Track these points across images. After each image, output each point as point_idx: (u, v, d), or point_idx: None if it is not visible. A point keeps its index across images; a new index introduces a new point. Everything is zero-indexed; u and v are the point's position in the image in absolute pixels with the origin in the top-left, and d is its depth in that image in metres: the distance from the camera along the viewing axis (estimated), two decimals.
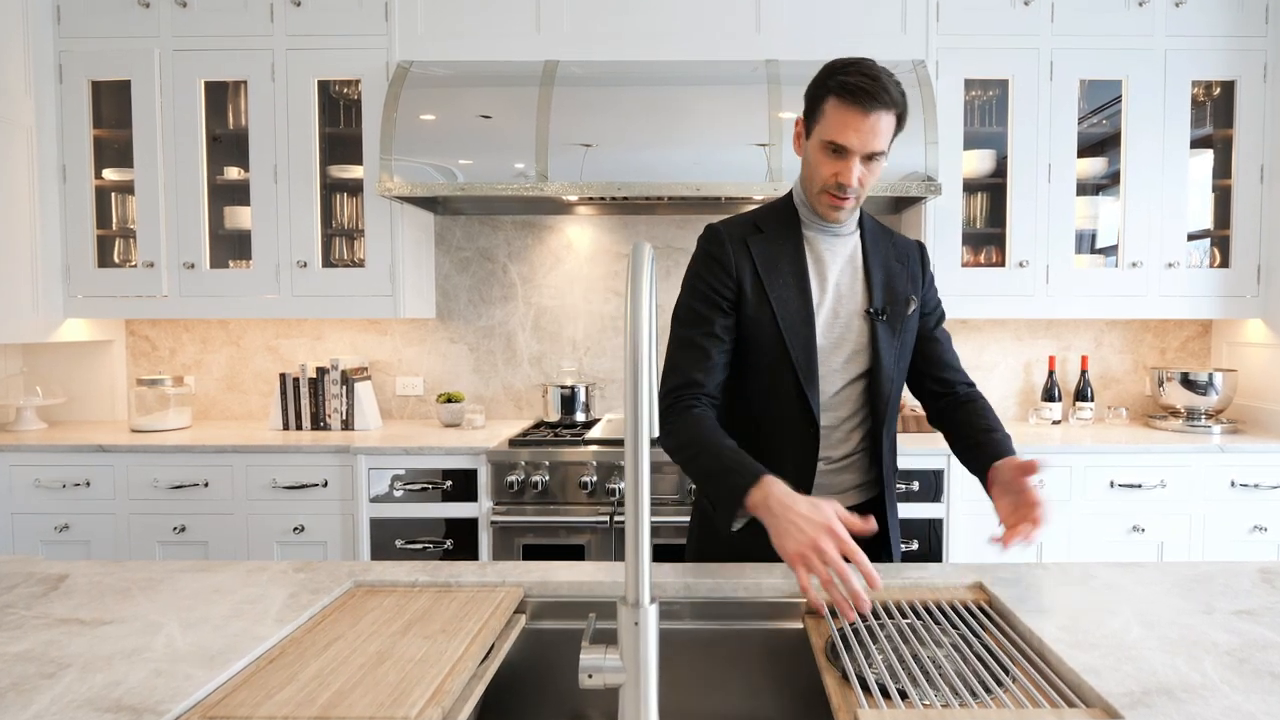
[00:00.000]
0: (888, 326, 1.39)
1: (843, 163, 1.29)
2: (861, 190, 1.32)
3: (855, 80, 1.23)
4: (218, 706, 0.84)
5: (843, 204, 1.33)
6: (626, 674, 0.74)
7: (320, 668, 0.94)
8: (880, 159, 1.30)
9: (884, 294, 1.40)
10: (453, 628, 1.05)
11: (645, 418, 0.75)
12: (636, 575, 0.74)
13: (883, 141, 1.27)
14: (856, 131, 1.25)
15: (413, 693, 0.87)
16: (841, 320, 1.39)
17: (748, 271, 1.37)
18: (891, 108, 1.26)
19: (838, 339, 1.39)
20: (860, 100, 1.23)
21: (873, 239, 1.44)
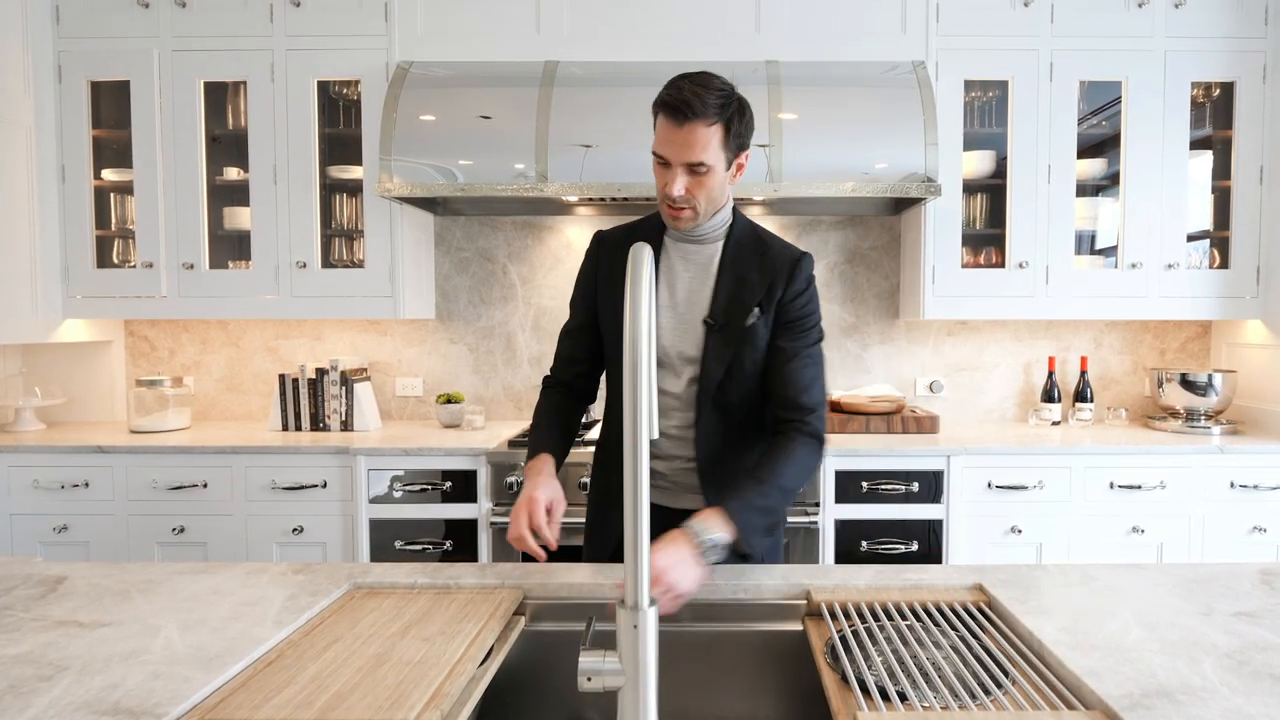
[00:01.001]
0: (721, 336, 1.39)
1: (667, 173, 1.31)
2: (696, 201, 1.33)
3: (672, 94, 1.27)
4: (216, 709, 0.84)
5: (678, 214, 1.35)
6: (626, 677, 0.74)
7: (319, 670, 0.94)
8: (706, 170, 1.30)
9: (726, 304, 1.39)
10: (451, 629, 1.05)
11: (645, 418, 0.75)
12: (635, 578, 0.73)
13: (700, 153, 1.27)
14: (671, 143, 1.28)
15: (411, 695, 0.87)
16: (688, 326, 1.42)
17: (604, 278, 1.46)
18: (705, 119, 1.26)
19: (677, 347, 1.42)
20: (673, 114, 1.27)
21: (737, 249, 1.42)
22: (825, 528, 2.43)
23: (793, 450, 1.32)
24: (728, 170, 1.34)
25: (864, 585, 1.25)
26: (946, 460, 2.44)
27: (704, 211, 1.36)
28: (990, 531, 2.48)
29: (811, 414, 1.36)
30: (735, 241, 1.43)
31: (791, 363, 1.39)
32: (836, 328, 3.06)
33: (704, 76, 1.29)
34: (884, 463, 2.44)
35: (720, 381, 1.40)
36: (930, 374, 3.06)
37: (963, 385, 3.06)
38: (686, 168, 1.30)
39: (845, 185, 2.45)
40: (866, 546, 2.44)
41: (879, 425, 2.70)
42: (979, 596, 1.21)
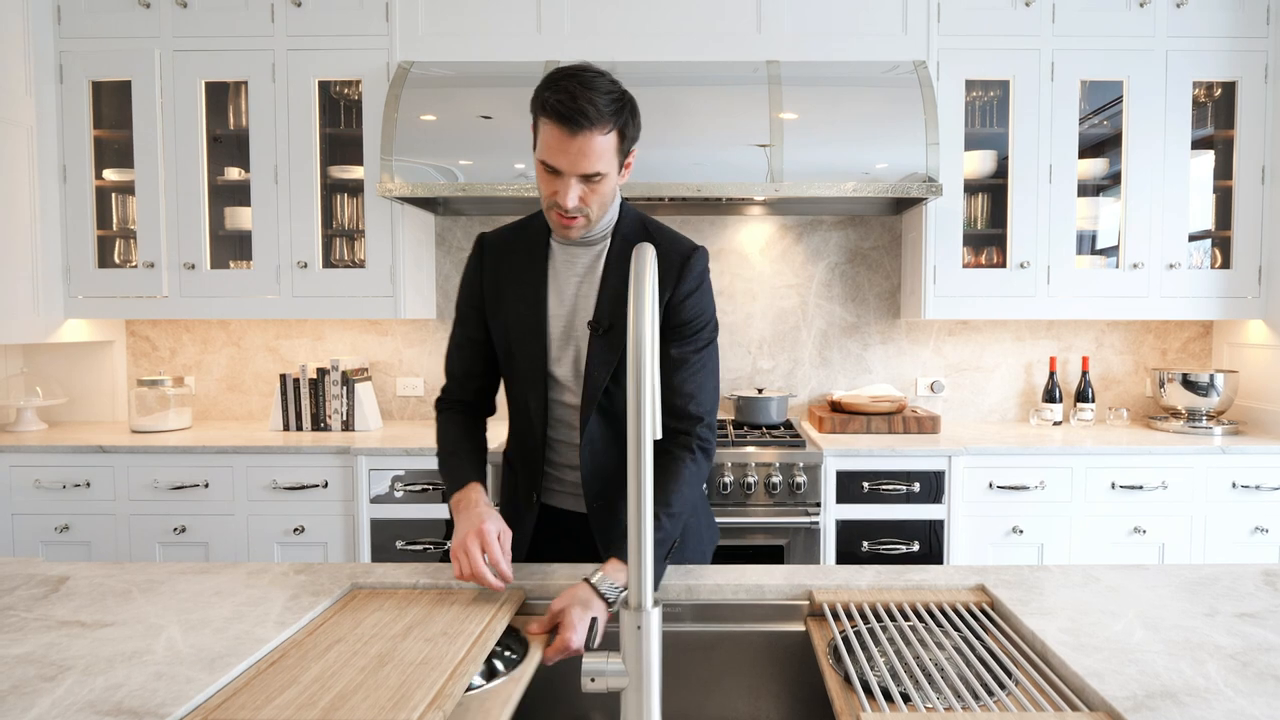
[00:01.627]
0: (604, 340, 1.32)
1: (558, 182, 1.23)
2: (589, 209, 1.27)
3: (560, 101, 1.17)
4: (219, 710, 0.84)
5: (570, 224, 1.28)
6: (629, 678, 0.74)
7: (321, 670, 0.94)
8: (601, 179, 1.24)
9: (611, 306, 1.33)
10: (454, 630, 1.05)
11: (648, 420, 0.75)
12: (639, 579, 0.73)
13: (595, 163, 1.20)
14: (564, 154, 1.20)
15: (414, 696, 0.87)
16: (576, 332, 1.36)
17: (492, 284, 1.39)
18: (601, 127, 1.18)
19: (563, 353, 1.37)
20: (565, 123, 1.17)
21: (624, 247, 1.35)
22: (826, 528, 2.43)
23: (679, 473, 1.28)
24: (618, 173, 1.28)
25: (866, 586, 1.25)
26: (948, 460, 2.44)
27: (595, 218, 1.30)
28: (991, 532, 2.48)
29: (699, 424, 1.32)
30: (621, 238, 1.36)
31: (681, 370, 1.33)
32: (837, 328, 3.06)
33: (590, 77, 1.19)
34: (885, 463, 2.44)
35: (605, 387, 1.33)
36: (931, 374, 3.06)
37: (964, 385, 3.06)
38: (580, 178, 1.22)
39: (846, 185, 2.44)
40: (867, 547, 2.44)
41: (880, 425, 2.70)
42: (981, 597, 1.21)
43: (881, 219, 3.03)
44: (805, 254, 3.04)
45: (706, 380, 1.35)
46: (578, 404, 1.37)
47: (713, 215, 3.03)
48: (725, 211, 2.96)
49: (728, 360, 3.06)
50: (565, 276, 1.38)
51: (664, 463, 1.29)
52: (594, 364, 1.33)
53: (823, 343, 3.06)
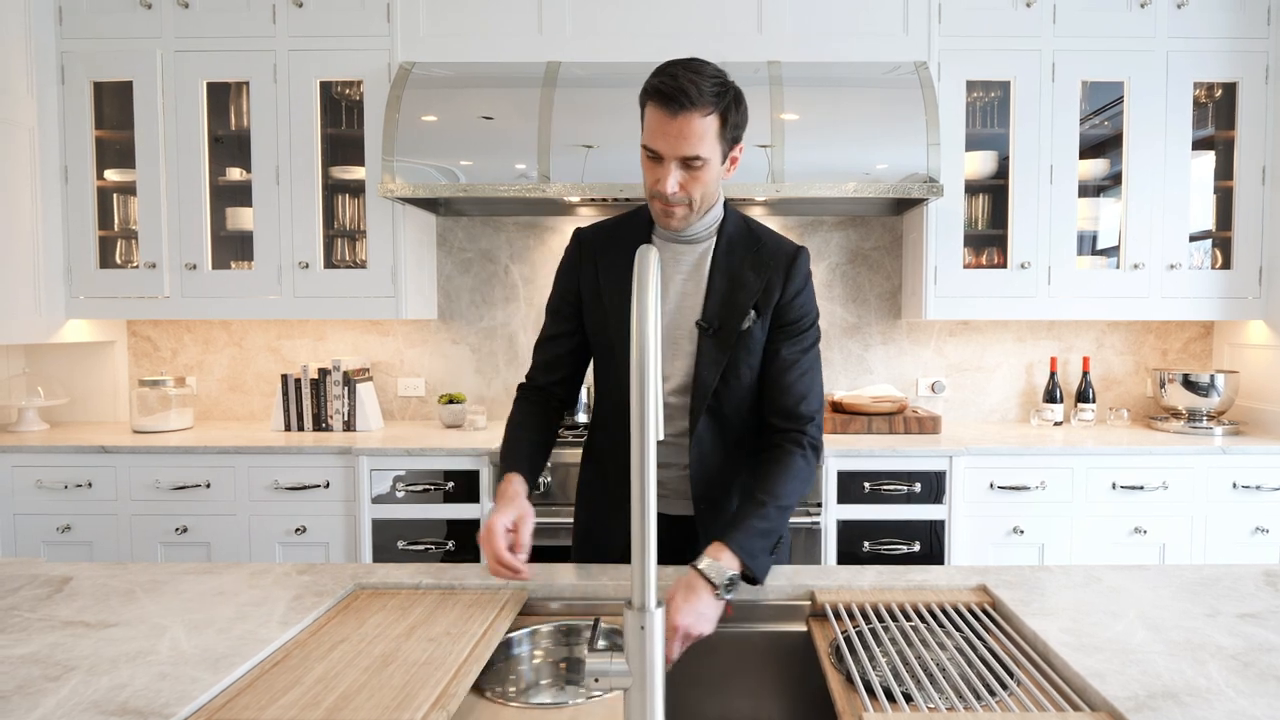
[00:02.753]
0: (715, 341, 1.32)
1: (660, 168, 1.23)
2: (689, 197, 1.25)
3: (663, 82, 1.18)
4: (224, 710, 0.84)
5: (671, 211, 1.27)
6: (633, 678, 0.74)
7: (325, 670, 0.94)
8: (702, 164, 1.22)
9: (720, 307, 1.32)
10: (457, 630, 1.05)
11: (652, 419, 0.75)
12: (643, 579, 0.74)
13: (695, 145, 1.20)
14: (665, 135, 1.20)
15: (418, 696, 0.87)
16: (681, 330, 1.35)
17: (590, 280, 1.38)
18: (702, 108, 1.18)
19: (672, 350, 1.35)
20: (666, 103, 1.18)
21: (729, 246, 1.35)
22: (827, 528, 2.43)
23: (790, 465, 1.27)
24: (723, 164, 1.26)
25: (868, 586, 1.25)
26: (949, 461, 2.44)
27: (698, 209, 1.28)
28: (992, 532, 2.48)
29: (810, 423, 1.32)
30: (727, 239, 1.35)
31: (791, 370, 1.34)
32: (838, 328, 3.06)
33: (697, 63, 1.21)
34: (886, 463, 2.44)
35: (715, 388, 1.33)
36: (932, 374, 3.06)
37: (965, 385, 3.07)
38: (681, 162, 1.21)
39: (847, 185, 2.45)
40: (869, 547, 2.44)
41: (881, 426, 2.70)
42: (983, 597, 1.22)
43: (882, 219, 3.03)
44: None
45: (815, 380, 1.36)
46: (682, 404, 1.36)
47: None
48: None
49: None
50: (669, 274, 1.36)
51: (776, 456, 1.29)
52: (703, 364, 1.33)
53: (824, 343, 3.06)
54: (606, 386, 1.43)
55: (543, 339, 1.46)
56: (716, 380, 1.33)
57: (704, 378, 1.33)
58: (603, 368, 1.42)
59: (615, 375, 1.38)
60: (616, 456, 1.41)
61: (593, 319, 1.39)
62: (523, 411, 1.43)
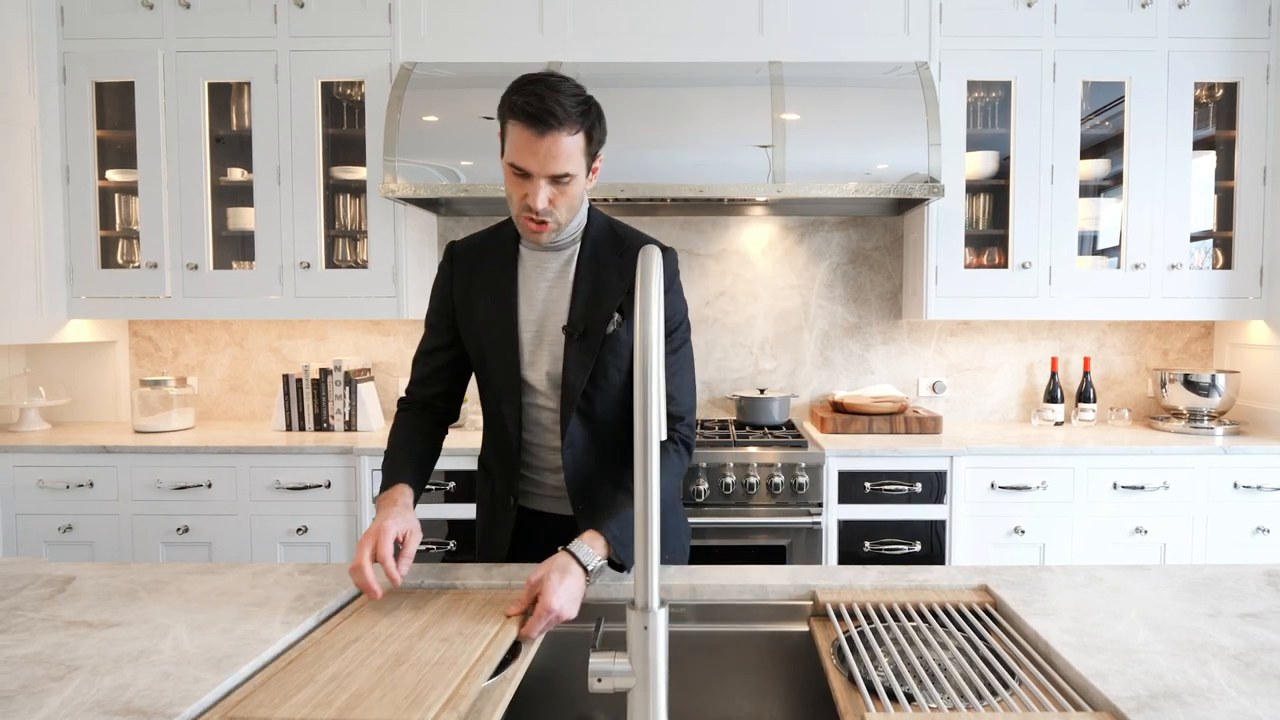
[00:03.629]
0: (581, 344, 1.34)
1: (528, 185, 1.25)
2: (558, 212, 1.28)
3: (529, 102, 1.19)
4: (238, 708, 0.85)
5: (541, 229, 1.29)
6: (636, 678, 0.75)
7: (338, 669, 0.94)
8: (570, 180, 1.25)
9: (585, 311, 1.34)
10: (469, 630, 1.06)
11: (654, 420, 0.75)
12: (646, 579, 0.74)
13: (564, 164, 1.22)
14: (533, 154, 1.21)
15: (429, 696, 0.87)
16: (548, 337, 1.37)
17: (463, 291, 1.41)
18: (569, 127, 1.21)
19: (536, 357, 1.38)
20: (533, 123, 1.19)
21: (594, 251, 1.37)
22: (828, 528, 2.44)
23: (665, 463, 1.33)
24: (586, 177, 1.30)
25: (869, 586, 1.25)
26: (949, 461, 2.44)
27: (564, 222, 1.31)
28: (993, 532, 2.49)
29: (681, 422, 1.38)
30: (591, 243, 1.38)
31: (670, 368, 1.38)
32: (839, 328, 3.06)
33: (557, 79, 1.22)
34: (887, 463, 2.44)
35: (584, 391, 1.35)
36: (933, 374, 3.06)
37: (965, 386, 3.07)
38: (550, 179, 1.24)
39: (848, 185, 2.45)
40: (869, 547, 2.44)
41: (882, 426, 2.70)
42: (984, 598, 1.22)
43: (883, 219, 3.03)
44: (807, 254, 3.04)
45: (684, 380, 1.39)
46: (554, 407, 1.39)
47: (715, 216, 3.03)
48: (727, 212, 2.96)
49: (730, 361, 3.06)
50: (535, 282, 1.39)
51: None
52: (570, 368, 1.35)
53: (824, 343, 3.07)
54: (485, 394, 1.45)
55: (421, 352, 1.47)
56: (585, 383, 1.35)
57: (571, 381, 1.35)
58: (481, 376, 1.44)
59: (488, 381, 1.41)
60: (497, 460, 1.45)
61: (468, 329, 1.41)
62: (406, 426, 1.43)
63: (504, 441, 1.42)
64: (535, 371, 1.38)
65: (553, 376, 1.37)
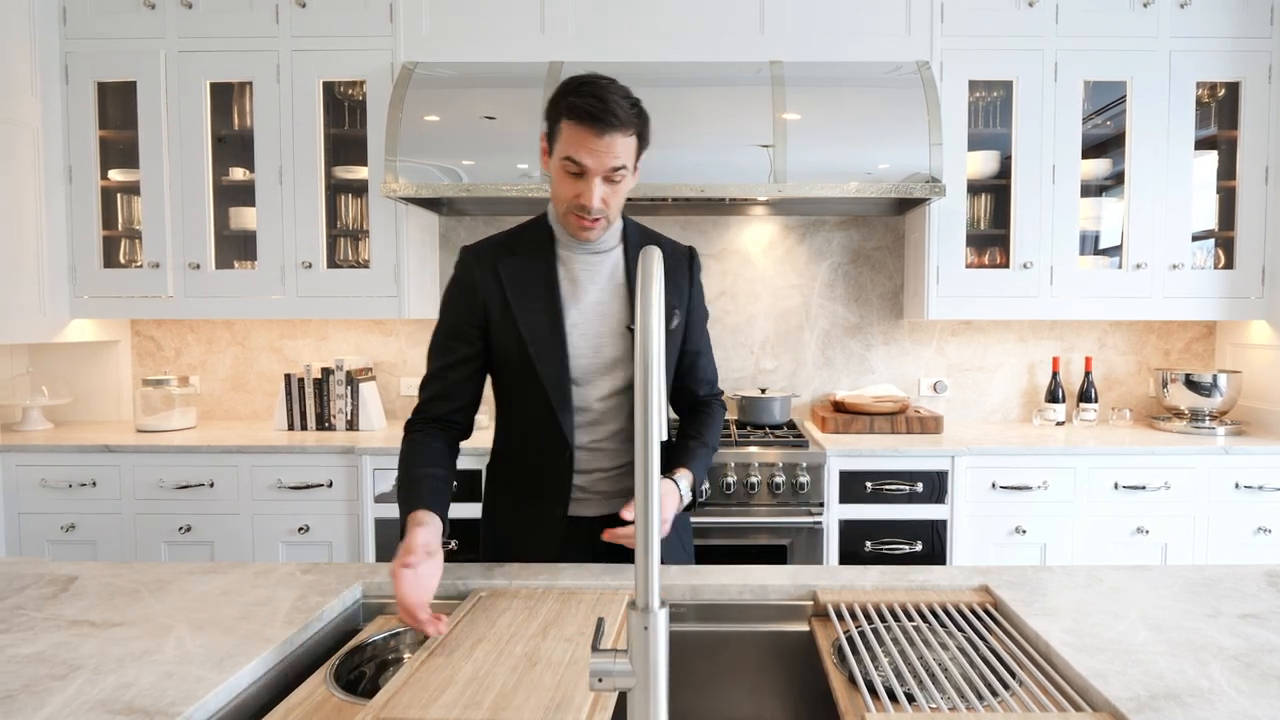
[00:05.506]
0: None
1: (583, 184, 1.26)
2: (609, 210, 1.30)
3: (585, 102, 1.22)
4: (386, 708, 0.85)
5: (592, 226, 1.31)
6: (636, 678, 0.75)
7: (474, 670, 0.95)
8: (624, 177, 1.28)
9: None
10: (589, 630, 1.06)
11: (655, 420, 0.75)
12: (647, 579, 0.74)
13: (620, 160, 1.25)
14: (592, 152, 1.24)
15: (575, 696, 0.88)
16: (601, 340, 1.37)
17: (495, 297, 1.36)
18: (625, 129, 1.24)
19: (593, 360, 1.37)
20: (594, 123, 1.22)
21: (637, 251, 1.40)
22: (829, 528, 2.44)
23: (719, 419, 1.52)
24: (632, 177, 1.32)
25: (870, 586, 1.25)
26: (950, 461, 2.44)
27: (612, 220, 1.34)
28: (994, 532, 2.49)
29: (720, 390, 1.58)
30: (633, 245, 1.41)
31: (703, 355, 1.52)
32: (840, 327, 3.06)
33: (606, 82, 1.25)
34: (888, 463, 2.44)
35: None
36: (934, 374, 3.06)
37: (967, 385, 3.07)
38: (604, 178, 1.26)
39: (849, 185, 2.45)
40: (870, 547, 2.44)
41: (883, 425, 2.70)
42: (985, 598, 1.22)
43: (884, 219, 3.03)
44: (808, 254, 3.04)
45: (712, 361, 1.56)
46: (614, 407, 1.39)
47: (716, 216, 3.03)
48: (728, 212, 2.96)
49: (731, 360, 3.07)
50: (585, 284, 1.38)
51: (710, 412, 1.51)
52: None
53: (825, 343, 3.07)
54: (522, 404, 1.41)
55: (439, 370, 1.40)
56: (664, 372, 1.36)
57: None
58: (514, 385, 1.40)
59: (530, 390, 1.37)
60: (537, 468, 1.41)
61: (505, 337, 1.37)
62: (425, 448, 1.35)
63: (551, 451, 1.38)
64: (591, 374, 1.37)
65: (618, 378, 1.38)
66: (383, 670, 1.14)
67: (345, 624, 1.20)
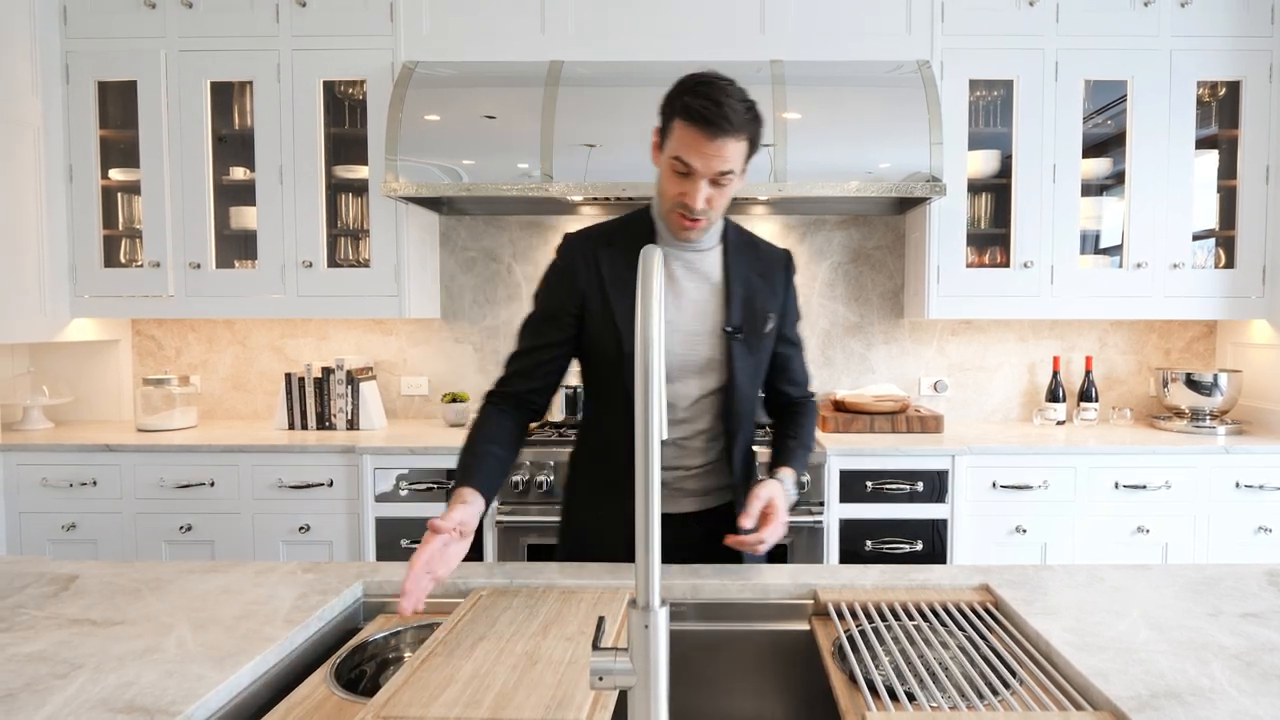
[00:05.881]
0: (744, 345, 1.38)
1: (690, 184, 1.26)
2: (712, 211, 1.30)
3: (700, 105, 1.21)
4: (386, 706, 0.85)
5: (693, 225, 1.31)
6: (637, 677, 0.75)
7: (475, 668, 0.95)
8: (731, 180, 1.27)
9: (743, 312, 1.38)
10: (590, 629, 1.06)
11: (656, 419, 0.75)
12: (647, 578, 0.74)
13: (730, 164, 1.24)
14: (701, 155, 1.23)
15: (575, 695, 0.88)
16: (698, 338, 1.37)
17: (594, 286, 1.36)
18: (737, 133, 1.23)
19: (687, 358, 1.36)
20: (706, 126, 1.21)
21: (736, 253, 1.41)
22: (830, 527, 2.44)
23: (814, 419, 1.55)
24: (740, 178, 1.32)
25: (870, 585, 1.25)
26: (951, 460, 2.44)
27: (714, 221, 1.34)
28: (995, 531, 2.49)
29: (813, 391, 1.60)
30: (732, 246, 1.41)
31: (796, 356, 1.52)
32: (840, 327, 3.06)
33: (725, 84, 1.24)
34: (888, 462, 2.44)
35: (744, 390, 1.39)
36: (934, 373, 3.06)
37: (967, 385, 3.06)
38: (711, 181, 1.26)
39: (850, 185, 2.45)
40: (871, 546, 2.44)
41: (883, 425, 2.70)
42: (985, 597, 1.22)
43: (885, 219, 3.03)
44: (809, 254, 3.04)
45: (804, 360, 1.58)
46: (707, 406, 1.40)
47: None
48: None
49: None
50: (684, 281, 1.38)
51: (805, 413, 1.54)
52: (738, 368, 1.38)
53: (826, 342, 3.07)
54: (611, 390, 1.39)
55: (529, 348, 1.40)
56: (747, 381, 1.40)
57: (739, 381, 1.38)
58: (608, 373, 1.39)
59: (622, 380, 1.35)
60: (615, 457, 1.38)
61: (601, 326, 1.36)
62: (496, 424, 1.36)
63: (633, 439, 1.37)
64: (683, 372, 1.37)
65: (711, 377, 1.38)
66: (383, 669, 1.14)
67: (346, 623, 1.20)
